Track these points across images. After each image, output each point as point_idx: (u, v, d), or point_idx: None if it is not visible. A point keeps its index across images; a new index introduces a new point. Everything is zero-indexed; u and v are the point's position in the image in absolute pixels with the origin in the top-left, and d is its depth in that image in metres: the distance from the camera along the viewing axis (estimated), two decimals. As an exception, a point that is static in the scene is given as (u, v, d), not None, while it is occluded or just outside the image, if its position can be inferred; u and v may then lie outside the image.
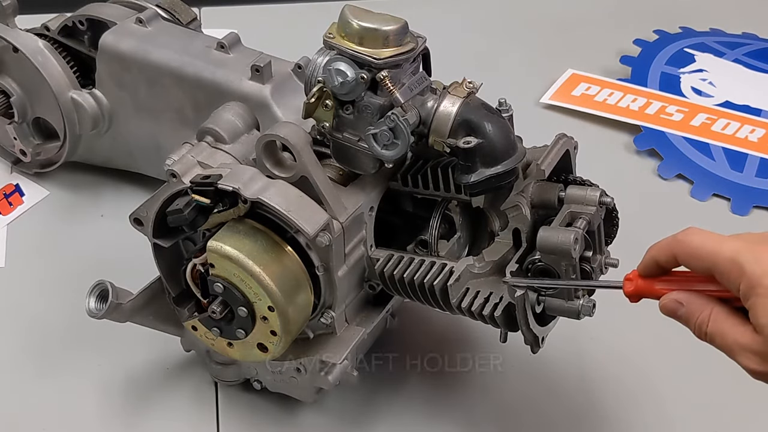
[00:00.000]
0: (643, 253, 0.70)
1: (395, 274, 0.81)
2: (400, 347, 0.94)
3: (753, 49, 1.50)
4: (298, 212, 0.75)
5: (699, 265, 0.64)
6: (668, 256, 0.66)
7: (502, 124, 0.77)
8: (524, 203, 0.77)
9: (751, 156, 1.28)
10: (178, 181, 0.79)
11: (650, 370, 0.97)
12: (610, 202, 0.79)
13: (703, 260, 0.63)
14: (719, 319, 0.64)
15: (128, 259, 0.93)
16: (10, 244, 1.11)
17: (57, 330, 0.99)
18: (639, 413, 0.93)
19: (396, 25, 0.74)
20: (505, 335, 0.79)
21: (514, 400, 0.94)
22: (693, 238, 0.65)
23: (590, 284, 0.76)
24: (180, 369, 0.96)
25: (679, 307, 0.66)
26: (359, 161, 0.79)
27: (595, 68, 1.44)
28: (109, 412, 0.92)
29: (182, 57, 1.00)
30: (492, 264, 0.79)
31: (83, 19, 1.10)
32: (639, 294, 0.69)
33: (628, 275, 0.70)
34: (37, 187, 1.19)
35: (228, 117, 0.84)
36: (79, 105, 1.08)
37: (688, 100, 1.38)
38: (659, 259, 0.67)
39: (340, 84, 0.74)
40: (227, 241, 0.75)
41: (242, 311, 0.77)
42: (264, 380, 0.90)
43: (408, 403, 0.93)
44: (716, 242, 0.63)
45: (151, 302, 0.85)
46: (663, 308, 0.67)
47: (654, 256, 0.68)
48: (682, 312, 0.66)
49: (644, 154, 1.29)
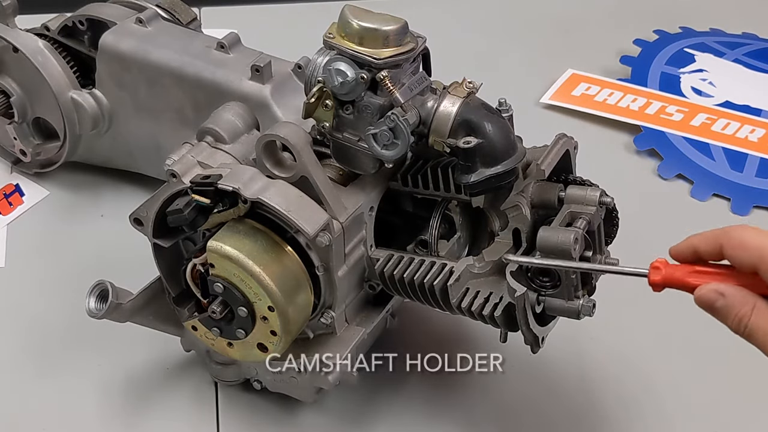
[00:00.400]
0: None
1: (395, 274, 0.81)
2: (400, 347, 0.94)
3: (753, 49, 1.50)
4: (298, 212, 0.75)
5: (745, 257, 0.63)
6: (712, 246, 0.65)
7: (502, 124, 0.77)
8: (524, 203, 0.77)
9: (751, 156, 1.28)
10: (178, 181, 0.79)
11: (650, 370, 0.97)
12: (610, 202, 0.79)
13: (751, 252, 0.62)
14: (762, 314, 0.62)
15: (128, 259, 0.93)
16: (10, 244, 1.11)
17: (57, 330, 0.99)
18: (639, 413, 0.93)
19: (396, 25, 0.74)
20: (505, 335, 0.79)
21: (514, 400, 0.94)
22: (743, 231, 0.64)
23: (613, 270, 0.74)
24: (180, 369, 0.96)
25: (718, 299, 0.64)
26: (359, 161, 0.79)
27: (595, 68, 1.44)
28: (109, 412, 0.92)
29: (182, 57, 1.00)
30: (492, 264, 0.79)
31: (83, 19, 1.10)
32: (666, 284, 0.67)
33: (654, 263, 0.68)
34: (37, 187, 1.19)
35: (228, 117, 0.84)
36: (79, 105, 1.08)
37: (688, 100, 1.38)
38: (700, 247, 0.65)
39: (340, 84, 0.74)
40: (227, 241, 0.75)
41: (242, 311, 0.77)
42: (264, 380, 0.90)
43: (408, 403, 0.93)
44: (766, 236, 0.62)
45: (151, 302, 0.85)
46: (699, 298, 0.65)
47: (694, 244, 0.66)
48: (721, 304, 0.63)
49: (644, 154, 1.29)
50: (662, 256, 0.67)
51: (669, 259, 0.69)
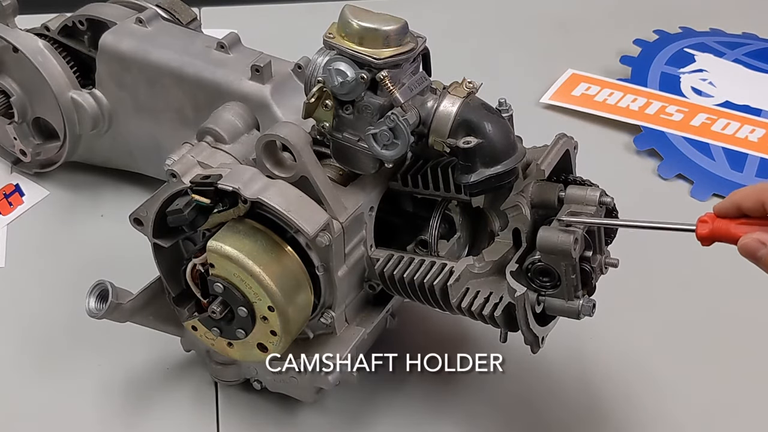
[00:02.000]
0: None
1: (395, 274, 0.81)
2: (400, 347, 0.94)
3: (753, 49, 1.50)
4: (298, 212, 0.75)
5: None
6: (755, 202, 0.65)
7: (502, 124, 0.77)
8: (524, 203, 0.77)
9: (751, 156, 1.28)
10: (178, 181, 0.79)
11: (651, 370, 0.97)
12: (610, 202, 0.78)
13: None
14: None
15: (128, 259, 0.93)
16: (10, 244, 1.11)
17: (57, 330, 0.99)
18: (639, 413, 0.93)
19: (396, 25, 0.74)
20: (505, 335, 0.79)
21: (514, 400, 0.94)
22: None
23: (659, 226, 0.73)
24: (180, 369, 0.96)
25: (760, 248, 0.64)
26: (359, 161, 0.79)
27: (595, 68, 1.44)
28: (109, 412, 0.92)
29: (182, 57, 1.00)
30: (492, 264, 0.79)
31: (83, 19, 1.10)
32: (714, 237, 0.67)
33: (702, 217, 0.68)
34: (37, 187, 1.19)
35: (228, 117, 0.84)
36: (79, 105, 1.08)
37: (688, 100, 1.38)
38: (743, 204, 0.66)
39: (340, 84, 0.74)
40: (227, 241, 0.75)
41: (242, 311, 0.77)
42: (264, 380, 0.90)
43: (408, 403, 0.93)
44: None
45: (151, 302, 0.85)
46: (742, 247, 0.65)
47: (737, 201, 0.66)
48: (763, 253, 0.64)
49: (644, 154, 1.29)
50: (662, 255, 0.67)
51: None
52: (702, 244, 0.69)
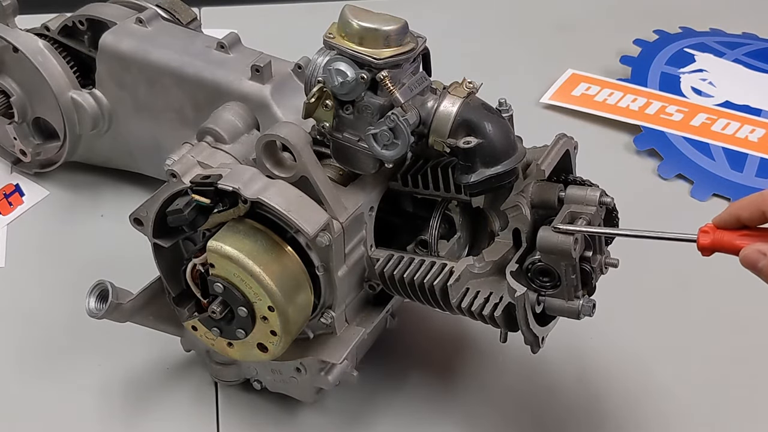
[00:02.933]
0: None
1: (395, 274, 0.81)
2: (400, 347, 0.94)
3: (753, 49, 1.50)
4: (298, 212, 0.75)
5: None
6: (753, 211, 0.66)
7: (502, 124, 0.77)
8: (524, 203, 0.77)
9: (751, 156, 1.28)
10: (178, 181, 0.79)
11: (650, 369, 0.97)
12: (610, 202, 0.79)
13: None
14: None
15: (128, 259, 0.93)
16: (10, 244, 1.11)
17: (57, 330, 0.99)
18: (639, 413, 0.93)
19: (396, 25, 0.74)
20: (505, 335, 0.79)
21: (514, 400, 0.94)
22: None
23: (661, 236, 0.73)
24: (180, 369, 0.96)
25: (761, 258, 0.65)
26: (359, 161, 0.79)
27: (595, 68, 1.44)
28: (109, 412, 0.92)
29: (182, 57, 1.00)
30: (492, 264, 0.79)
31: (83, 19, 1.10)
32: (715, 247, 0.68)
33: (703, 228, 0.69)
34: (37, 187, 1.19)
35: (228, 117, 0.84)
36: (79, 105, 1.08)
37: (688, 100, 1.38)
38: (742, 214, 0.66)
39: (340, 84, 0.74)
40: (227, 241, 0.75)
41: (242, 311, 0.77)
42: (264, 380, 0.90)
43: (408, 403, 0.93)
44: None
45: (151, 302, 0.85)
46: (744, 258, 0.66)
47: (736, 212, 0.67)
48: (764, 263, 0.64)
49: (644, 154, 1.29)
50: (662, 255, 0.67)
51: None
52: (703, 254, 0.69)
